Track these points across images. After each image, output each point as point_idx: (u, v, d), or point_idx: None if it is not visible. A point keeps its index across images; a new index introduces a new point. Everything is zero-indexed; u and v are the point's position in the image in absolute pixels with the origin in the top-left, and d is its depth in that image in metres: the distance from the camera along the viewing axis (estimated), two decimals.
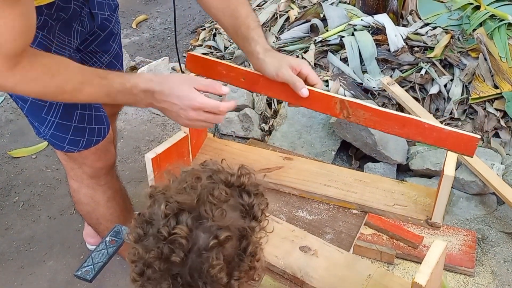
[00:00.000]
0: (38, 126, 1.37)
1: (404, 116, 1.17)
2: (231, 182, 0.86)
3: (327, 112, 1.23)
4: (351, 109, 1.19)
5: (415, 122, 1.16)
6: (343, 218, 1.39)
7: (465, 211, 2.00)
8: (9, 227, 2.23)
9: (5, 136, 2.73)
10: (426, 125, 1.15)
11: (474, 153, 1.14)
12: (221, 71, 1.34)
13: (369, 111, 1.18)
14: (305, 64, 1.27)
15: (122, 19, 3.82)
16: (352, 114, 1.20)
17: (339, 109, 1.20)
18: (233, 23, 1.29)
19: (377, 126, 1.20)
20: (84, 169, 1.50)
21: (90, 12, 1.33)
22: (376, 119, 1.19)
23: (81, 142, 1.41)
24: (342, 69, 2.58)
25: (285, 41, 2.86)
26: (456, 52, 2.55)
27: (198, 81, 1.14)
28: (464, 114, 2.37)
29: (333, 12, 2.86)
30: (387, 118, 1.18)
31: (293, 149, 2.30)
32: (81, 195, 1.60)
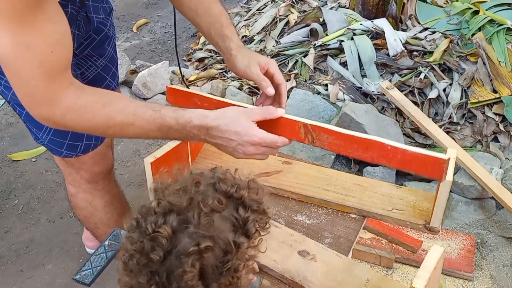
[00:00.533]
0: (36, 132, 1.37)
1: (367, 139, 1.10)
2: (230, 193, 0.85)
3: (294, 138, 1.16)
4: (315, 133, 1.14)
5: (378, 144, 1.09)
6: (341, 223, 1.38)
7: (464, 216, 2.00)
8: (8, 230, 2.24)
9: (5, 139, 2.73)
10: (389, 147, 1.07)
11: (442, 176, 1.05)
12: (196, 102, 1.31)
13: (332, 134, 1.12)
14: (272, 63, 1.27)
15: (123, 23, 3.84)
16: (316, 139, 1.15)
17: (303, 134, 1.15)
18: (207, 21, 1.30)
19: (341, 150, 1.14)
20: (81, 174, 1.50)
21: (86, 15, 1.33)
22: (339, 143, 1.13)
23: (78, 147, 1.40)
24: (341, 73, 2.59)
25: (284, 45, 2.87)
26: (455, 56, 2.56)
27: (254, 112, 1.10)
28: (463, 118, 2.38)
29: (332, 17, 2.87)
30: (350, 141, 1.12)
31: (292, 153, 2.30)
32: (78, 200, 1.60)
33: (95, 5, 1.38)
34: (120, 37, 3.68)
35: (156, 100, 2.76)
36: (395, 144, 1.07)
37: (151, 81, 2.73)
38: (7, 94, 1.29)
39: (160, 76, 2.75)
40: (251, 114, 1.09)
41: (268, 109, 1.12)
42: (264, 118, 1.11)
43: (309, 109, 2.38)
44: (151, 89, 2.75)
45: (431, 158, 1.04)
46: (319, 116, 2.36)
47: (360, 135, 1.10)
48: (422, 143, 2.32)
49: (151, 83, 2.74)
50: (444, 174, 1.05)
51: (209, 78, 2.79)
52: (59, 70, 0.98)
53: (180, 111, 1.09)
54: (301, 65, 2.70)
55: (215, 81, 2.72)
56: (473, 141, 2.30)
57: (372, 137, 1.09)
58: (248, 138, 1.08)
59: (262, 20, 3.16)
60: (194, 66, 3.13)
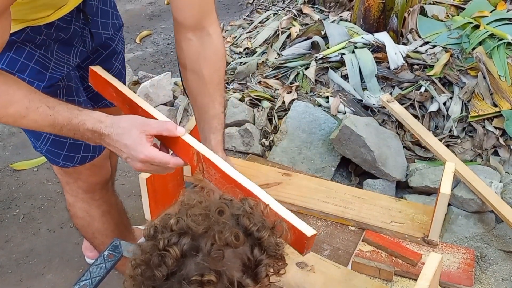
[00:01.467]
0: (34, 142, 1.39)
1: (247, 189, 1.03)
2: (250, 230, 0.82)
3: (188, 162, 1.11)
4: (205, 164, 1.08)
5: (255, 196, 1.02)
6: (340, 235, 1.39)
7: (464, 229, 2.00)
8: (9, 240, 2.24)
9: (8, 148, 2.75)
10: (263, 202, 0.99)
11: (304, 251, 1.02)
12: (111, 93, 1.29)
13: (219, 171, 1.06)
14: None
15: (126, 34, 3.87)
16: (205, 171, 1.09)
17: (196, 161, 1.09)
18: (200, 114, 1.30)
19: (223, 190, 1.06)
20: (79, 184, 1.51)
21: (90, 31, 1.35)
22: (223, 182, 1.07)
23: (75, 159, 1.42)
24: (342, 86, 2.60)
25: (286, 57, 2.89)
26: (456, 70, 2.57)
27: (149, 125, 1.04)
28: (464, 132, 2.38)
29: (334, 30, 2.90)
30: (233, 184, 1.06)
31: (293, 165, 2.31)
32: (76, 209, 1.61)
33: (104, 21, 1.40)
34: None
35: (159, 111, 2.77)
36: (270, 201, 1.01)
37: (153, 92, 2.75)
38: None
39: (162, 87, 2.77)
40: (146, 127, 1.03)
41: (166, 124, 1.06)
42: (159, 134, 1.05)
43: (310, 121, 2.39)
44: (153, 100, 2.77)
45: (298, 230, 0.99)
46: (319, 128, 2.38)
47: (242, 182, 1.04)
48: (422, 156, 2.33)
49: (153, 94, 2.75)
50: (305, 249, 1.01)
51: None
52: None
53: (75, 110, 1.06)
54: (303, 78, 2.72)
55: None
56: (473, 155, 2.30)
57: (253, 188, 1.03)
58: (136, 154, 1.03)
59: (264, 32, 3.19)
60: None
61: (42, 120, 1.04)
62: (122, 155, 1.06)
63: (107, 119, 1.05)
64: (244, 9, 4.10)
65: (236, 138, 2.48)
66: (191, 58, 1.27)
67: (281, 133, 2.42)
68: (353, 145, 2.20)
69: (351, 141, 2.20)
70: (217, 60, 1.29)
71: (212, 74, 1.28)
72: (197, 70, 1.27)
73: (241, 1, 4.30)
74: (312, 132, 2.37)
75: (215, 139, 1.28)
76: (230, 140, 2.49)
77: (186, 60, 1.29)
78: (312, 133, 2.37)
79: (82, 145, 1.40)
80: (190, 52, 1.27)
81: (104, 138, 1.06)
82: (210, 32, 1.27)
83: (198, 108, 1.30)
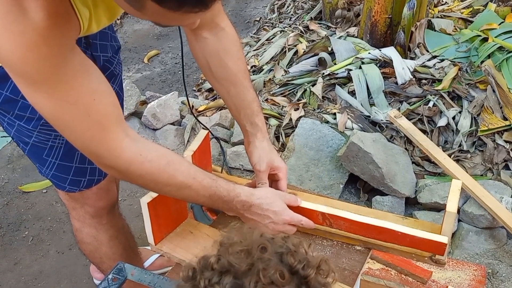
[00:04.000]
0: (40, 167, 1.38)
1: (379, 226, 1.24)
2: (296, 268, 0.77)
3: (313, 221, 1.31)
4: (332, 220, 1.28)
5: (389, 231, 1.23)
6: (346, 255, 1.36)
7: (475, 245, 1.96)
8: (18, 262, 2.25)
9: (17, 170, 2.77)
10: (399, 233, 1.22)
11: (443, 252, 1.23)
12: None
13: (347, 221, 1.26)
14: (283, 170, 1.37)
15: (134, 54, 3.91)
16: (334, 223, 1.29)
17: (321, 219, 1.29)
18: (238, 104, 1.35)
19: (357, 232, 1.29)
20: (86, 209, 1.50)
21: (92, 55, 1.35)
22: (355, 228, 1.27)
23: (82, 182, 1.41)
24: (349, 102, 2.59)
25: (293, 74, 2.89)
26: (464, 84, 2.55)
27: (285, 196, 1.27)
28: (473, 146, 2.35)
29: (340, 46, 2.89)
30: (365, 227, 1.26)
31: (301, 183, 2.29)
32: (83, 235, 1.59)
33: (103, 43, 1.40)
34: (132, 68, 3.75)
35: (166, 131, 2.78)
36: (404, 230, 1.22)
37: (160, 112, 2.76)
38: (11, 131, 1.30)
39: (169, 107, 2.78)
40: (283, 198, 1.26)
41: (293, 197, 1.28)
42: (289, 203, 1.26)
43: (317, 138, 2.38)
44: (160, 119, 2.78)
45: (434, 242, 1.21)
46: (327, 145, 2.36)
47: (373, 222, 1.24)
48: (431, 172, 2.30)
49: (160, 113, 2.77)
50: (445, 251, 1.23)
51: (218, 108, 2.82)
52: (109, 119, 1.01)
53: (231, 184, 1.19)
54: (310, 94, 2.71)
55: (224, 111, 2.74)
56: (484, 169, 2.27)
57: (384, 224, 1.24)
58: (283, 217, 1.23)
59: (271, 50, 3.20)
60: (203, 96, 3.16)
61: (204, 191, 1.14)
62: (265, 220, 1.22)
63: (256, 192, 1.23)
64: (251, 26, 4.12)
65: (243, 156, 2.47)
66: (213, 55, 1.32)
67: (288, 151, 2.40)
68: (361, 161, 2.18)
69: (359, 158, 2.18)
70: (237, 50, 1.34)
71: (237, 63, 1.33)
72: (222, 64, 1.32)
73: (248, 19, 4.33)
74: (319, 149, 2.36)
75: (260, 120, 1.35)
76: (237, 159, 2.49)
77: (208, 58, 1.33)
78: (319, 150, 2.36)
79: (88, 168, 1.40)
80: (210, 49, 1.31)
81: (252, 208, 1.21)
82: (223, 26, 1.31)
83: (234, 98, 1.35)
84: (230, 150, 2.51)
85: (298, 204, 1.28)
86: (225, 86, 1.35)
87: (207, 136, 1.54)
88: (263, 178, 1.35)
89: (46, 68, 0.90)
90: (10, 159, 2.87)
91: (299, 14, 3.65)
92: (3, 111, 1.25)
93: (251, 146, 1.37)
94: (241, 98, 1.35)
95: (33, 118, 1.24)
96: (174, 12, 0.74)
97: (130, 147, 1.04)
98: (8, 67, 0.91)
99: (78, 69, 0.95)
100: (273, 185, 1.39)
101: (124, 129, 1.05)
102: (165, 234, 1.33)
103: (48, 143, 1.31)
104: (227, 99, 1.38)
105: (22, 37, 0.85)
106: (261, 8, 4.49)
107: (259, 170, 1.35)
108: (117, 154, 1.03)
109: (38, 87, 0.92)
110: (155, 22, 0.84)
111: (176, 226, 1.36)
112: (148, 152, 1.07)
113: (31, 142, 1.31)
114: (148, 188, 1.19)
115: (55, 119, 0.99)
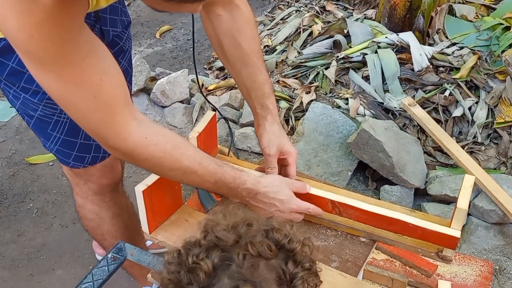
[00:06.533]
0: (44, 142, 1.37)
1: (390, 217, 1.22)
2: (282, 242, 0.79)
3: (323, 209, 1.29)
4: (342, 208, 1.26)
5: (400, 222, 1.21)
6: (350, 246, 1.33)
7: (483, 241, 1.92)
8: (21, 234, 2.25)
9: (24, 142, 2.76)
10: (410, 225, 1.20)
11: (455, 247, 1.21)
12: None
13: (357, 210, 1.25)
14: (293, 155, 1.34)
15: (147, 29, 3.86)
16: (344, 212, 1.27)
17: (331, 207, 1.28)
18: (249, 85, 1.32)
19: (367, 222, 1.27)
20: (89, 185, 1.49)
21: (100, 29, 1.32)
22: (365, 217, 1.25)
23: (86, 159, 1.39)
24: (363, 87, 2.53)
25: (307, 56, 2.83)
26: (483, 74, 2.47)
27: (293, 184, 1.24)
28: (488, 138, 2.29)
29: (357, 29, 2.82)
30: (375, 217, 1.24)
31: (308, 168, 2.25)
32: (86, 211, 1.59)
33: (113, 18, 1.37)
34: (143, 43, 3.70)
35: (174, 108, 2.74)
36: (416, 222, 1.20)
37: (169, 89, 2.72)
38: (16, 103, 1.29)
39: (179, 85, 2.74)
40: (292, 186, 1.23)
41: (302, 184, 1.26)
42: (297, 191, 1.23)
43: (328, 123, 2.33)
44: (169, 97, 2.74)
45: (446, 236, 1.18)
46: (337, 131, 2.31)
47: (384, 213, 1.22)
48: (443, 163, 2.24)
49: (169, 91, 2.73)
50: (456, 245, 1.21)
51: (229, 87, 2.77)
52: (116, 101, 0.99)
53: (237, 171, 1.18)
54: (322, 78, 2.65)
55: (234, 91, 2.69)
56: (498, 163, 2.21)
57: (395, 215, 1.21)
58: (290, 206, 1.21)
59: (286, 30, 3.12)
60: (214, 74, 3.11)
61: (209, 176, 1.12)
62: (271, 208, 1.20)
63: (262, 179, 1.20)
64: (267, 4, 4.04)
65: (251, 138, 2.44)
66: (226, 33, 1.29)
67: (297, 135, 2.36)
68: (371, 149, 2.13)
69: (369, 146, 2.12)
70: (251, 29, 1.31)
71: (251, 43, 1.29)
72: (235, 44, 1.29)
73: None
74: (329, 134, 2.31)
75: (272, 103, 1.33)
76: (245, 140, 2.45)
77: (221, 36, 1.29)
78: (329, 136, 2.31)
79: (93, 145, 1.38)
80: (224, 27, 1.28)
81: (258, 196, 1.19)
82: (238, 3, 1.28)
83: (245, 79, 1.32)
84: (238, 131, 2.47)
85: (307, 191, 1.26)
86: (237, 66, 1.32)
87: (213, 118, 1.50)
88: (272, 163, 1.32)
89: (53, 47, 0.88)
90: (18, 130, 2.86)
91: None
92: (9, 83, 1.24)
93: (261, 128, 1.34)
94: (253, 79, 1.32)
95: (39, 91, 1.22)
96: (169, 1, 0.73)
97: (136, 130, 1.02)
98: (16, 45, 0.89)
99: (86, 48, 0.93)
100: (282, 170, 1.36)
101: (131, 111, 1.03)
102: (160, 222, 1.30)
103: (54, 117, 1.29)
104: (238, 79, 1.35)
105: (30, 15, 0.82)
106: None
107: (268, 154, 1.31)
108: (124, 137, 1.01)
109: (45, 66, 0.90)
110: (150, 6, 0.81)
111: (171, 214, 1.33)
112: (154, 136, 1.05)
113: (36, 115, 1.29)
114: (153, 172, 1.18)
115: (61, 98, 0.97)
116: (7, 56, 1.17)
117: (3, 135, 2.84)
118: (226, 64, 1.37)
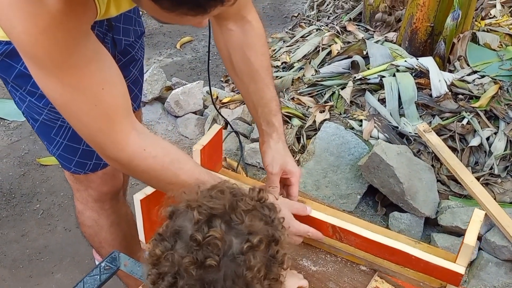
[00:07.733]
0: (47, 145, 1.37)
1: (393, 247, 1.17)
2: (252, 195, 0.86)
3: (323, 233, 1.26)
4: (343, 234, 1.22)
5: (403, 253, 1.17)
6: (349, 274, 1.29)
7: (493, 277, 1.85)
8: (25, 234, 2.25)
9: (38, 143, 2.77)
10: (413, 257, 1.16)
11: (459, 283, 1.17)
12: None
13: (359, 238, 1.20)
14: (296, 175, 1.31)
15: (168, 39, 3.88)
16: (344, 238, 1.23)
17: (332, 232, 1.24)
18: (256, 101, 1.31)
19: (368, 250, 1.23)
20: (89, 192, 1.48)
21: (113, 38, 1.32)
22: (367, 245, 1.21)
23: (88, 165, 1.39)
24: (378, 110, 2.48)
25: (324, 75, 2.80)
26: (503, 104, 2.41)
27: (293, 205, 1.22)
28: (506, 171, 2.22)
29: (376, 50, 2.78)
30: (377, 246, 1.19)
31: (317, 188, 2.21)
32: (85, 217, 1.58)
33: (126, 27, 1.37)
34: (163, 53, 3.72)
35: (187, 119, 2.73)
36: (419, 254, 1.15)
37: (184, 99, 2.72)
38: (22, 106, 1.29)
39: (193, 95, 2.74)
40: (292, 207, 1.20)
41: (302, 206, 1.23)
42: (297, 213, 1.20)
43: (340, 144, 2.29)
44: (183, 107, 2.73)
45: (450, 271, 1.13)
46: (349, 152, 2.26)
47: (386, 242, 1.17)
48: (457, 193, 2.18)
49: (183, 101, 2.72)
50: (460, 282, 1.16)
51: (243, 101, 2.75)
52: (117, 110, 0.98)
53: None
54: (338, 98, 2.62)
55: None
56: None
57: (398, 245, 1.16)
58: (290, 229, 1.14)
59: (305, 47, 3.10)
60: (230, 88, 3.10)
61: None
62: None
63: None
64: (288, 21, 4.03)
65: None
66: (236, 48, 1.28)
67: (308, 154, 2.32)
68: (382, 174, 2.07)
69: (380, 170, 2.08)
70: (262, 45, 1.30)
71: (260, 59, 1.29)
72: (244, 59, 1.28)
73: (286, 14, 4.24)
74: (340, 155, 2.26)
75: (278, 120, 1.31)
76: (255, 155, 2.42)
77: (231, 50, 1.29)
78: (340, 157, 2.26)
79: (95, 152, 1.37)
80: (234, 42, 1.28)
81: None
82: (249, 19, 1.27)
83: (253, 95, 1.31)
84: (248, 146, 2.44)
85: (307, 213, 1.22)
86: (245, 81, 1.31)
87: (219, 132, 1.48)
88: (274, 181, 1.30)
89: (57, 53, 0.87)
90: (32, 130, 2.87)
91: (338, 13, 3.54)
92: (16, 86, 1.24)
93: (265, 146, 1.32)
94: (260, 95, 1.30)
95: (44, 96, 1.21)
96: (169, 12, 0.71)
97: (135, 141, 1.01)
98: (20, 49, 0.89)
99: (90, 56, 0.92)
100: (284, 189, 1.33)
101: (131, 122, 1.02)
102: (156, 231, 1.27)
103: (58, 122, 1.29)
104: (246, 95, 1.34)
105: (36, 19, 0.82)
106: (300, 3, 4.39)
107: (271, 172, 1.29)
108: (121, 148, 1.00)
109: (48, 71, 0.90)
110: (153, 17, 0.80)
111: None
112: (153, 148, 1.03)
113: (41, 119, 1.30)
114: (150, 185, 1.16)
115: (62, 105, 0.96)
116: (15, 59, 1.17)
117: (18, 135, 2.87)
118: (234, 78, 1.36)
